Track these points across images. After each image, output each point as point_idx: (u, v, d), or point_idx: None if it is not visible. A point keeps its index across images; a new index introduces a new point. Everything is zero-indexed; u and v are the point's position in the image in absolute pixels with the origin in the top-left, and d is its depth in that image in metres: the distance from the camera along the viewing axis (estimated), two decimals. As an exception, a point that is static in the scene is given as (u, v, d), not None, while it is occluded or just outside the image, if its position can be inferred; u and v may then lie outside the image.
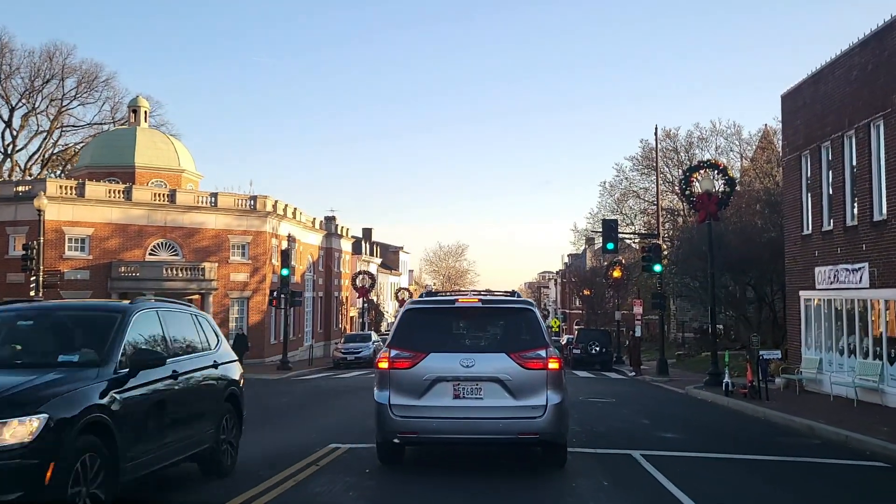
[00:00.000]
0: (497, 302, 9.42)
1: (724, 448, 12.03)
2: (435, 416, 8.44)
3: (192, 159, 47.42)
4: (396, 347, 8.76)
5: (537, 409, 8.39)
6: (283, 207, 46.03)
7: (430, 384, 8.47)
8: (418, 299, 9.75)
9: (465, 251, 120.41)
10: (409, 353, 8.62)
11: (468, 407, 8.42)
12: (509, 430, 8.46)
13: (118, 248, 38.82)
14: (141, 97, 46.91)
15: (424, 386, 8.48)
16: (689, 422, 16.06)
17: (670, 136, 43.74)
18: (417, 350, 8.62)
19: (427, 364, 8.53)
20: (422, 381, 8.48)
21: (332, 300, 60.02)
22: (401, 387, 8.54)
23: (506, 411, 8.41)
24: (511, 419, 8.42)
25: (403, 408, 8.49)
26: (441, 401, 8.46)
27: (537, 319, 9.03)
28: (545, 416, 8.39)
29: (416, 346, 8.66)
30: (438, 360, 8.56)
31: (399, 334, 8.92)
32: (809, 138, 21.93)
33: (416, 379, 8.50)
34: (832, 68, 20.55)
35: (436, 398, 8.46)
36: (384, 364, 8.70)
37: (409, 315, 9.20)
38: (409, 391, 8.50)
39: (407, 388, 8.51)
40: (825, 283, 20.84)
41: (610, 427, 14.16)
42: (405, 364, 8.57)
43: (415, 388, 8.50)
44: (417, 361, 8.55)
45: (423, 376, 8.49)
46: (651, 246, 33.08)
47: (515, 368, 8.47)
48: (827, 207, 21.08)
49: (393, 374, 8.61)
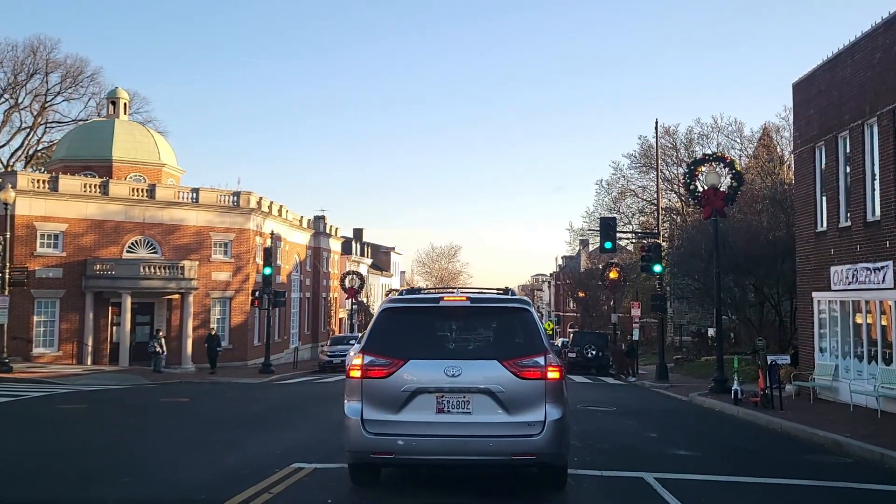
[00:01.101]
0: (488, 301, 8.24)
1: (748, 469, 10.47)
2: (415, 433, 7.28)
3: (174, 154, 45.65)
4: (371, 353, 7.60)
5: (534, 426, 7.26)
6: (267, 204, 44.38)
7: (409, 396, 7.37)
8: (397, 297, 8.52)
9: (458, 252, 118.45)
10: (385, 359, 7.50)
11: (454, 423, 7.31)
12: (502, 450, 7.30)
13: (94, 244, 37.07)
14: (120, 88, 45.03)
15: (403, 398, 7.37)
16: (701, 436, 14.52)
17: (669, 132, 42.35)
18: (395, 356, 7.51)
19: (406, 373, 7.43)
20: (400, 392, 7.37)
21: (320, 301, 58.38)
22: (375, 399, 7.42)
23: (498, 428, 7.29)
24: (504, 437, 7.28)
25: (378, 423, 7.35)
26: (422, 416, 7.34)
27: (534, 321, 7.89)
28: (544, 433, 7.25)
29: (394, 352, 7.54)
30: (419, 368, 7.44)
31: (374, 337, 7.78)
32: (825, 128, 20.47)
33: (393, 390, 7.39)
34: (851, 52, 19.08)
35: (416, 413, 7.34)
36: (356, 372, 7.56)
37: (387, 315, 7.97)
38: (385, 404, 7.38)
39: (382, 401, 7.40)
40: (842, 284, 19.36)
41: (615, 443, 12.60)
42: (381, 373, 7.46)
43: (392, 401, 7.38)
44: (395, 370, 7.44)
45: (401, 387, 7.38)
46: (651, 245, 31.58)
47: (509, 378, 7.36)
48: (844, 202, 19.61)
49: (366, 385, 7.48)
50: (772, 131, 41.38)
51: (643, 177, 45.48)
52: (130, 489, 8.40)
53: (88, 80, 59.34)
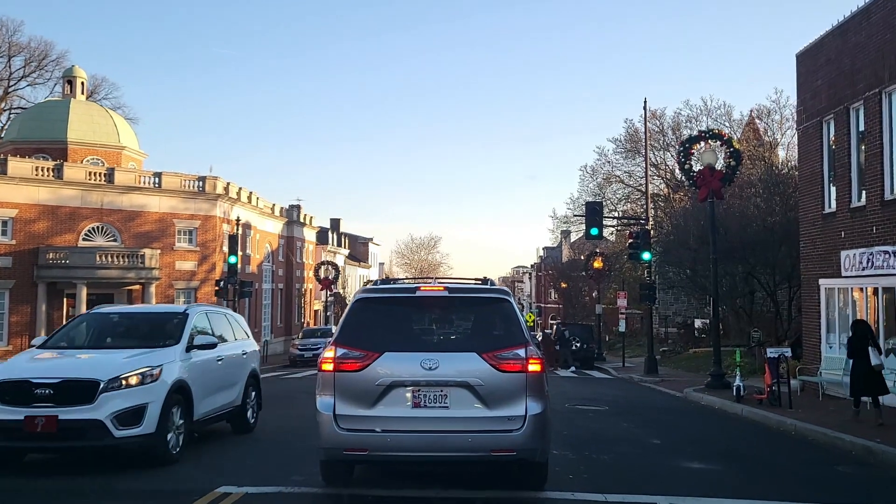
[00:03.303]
0: (466, 290, 8.06)
1: (781, 489, 8.64)
2: (390, 429, 7.05)
3: (135, 136, 43.29)
4: (344, 345, 7.32)
5: (514, 421, 7.07)
6: (236, 190, 42.15)
7: (384, 390, 7.12)
8: (371, 287, 8.20)
9: (437, 244, 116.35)
10: (358, 352, 7.24)
11: (431, 418, 7.08)
12: (480, 446, 7.07)
13: (47, 232, 34.75)
14: (77, 67, 42.50)
15: (377, 392, 7.11)
16: (710, 441, 12.71)
17: (656, 115, 40.67)
18: (369, 348, 7.24)
19: (381, 366, 7.16)
20: (374, 386, 7.12)
21: (293, 292, 56.25)
22: (348, 393, 7.15)
23: (476, 423, 7.07)
24: (483, 433, 7.07)
25: (351, 419, 7.10)
26: (398, 410, 7.10)
27: (514, 312, 7.68)
28: (524, 428, 7.06)
29: (368, 344, 7.28)
30: (395, 360, 7.19)
31: (347, 329, 7.49)
32: (834, 99, 18.72)
33: (367, 384, 7.13)
34: (866, 14, 17.33)
35: (391, 407, 7.10)
36: (328, 366, 7.27)
37: (360, 306, 7.67)
38: (359, 399, 7.13)
39: (356, 396, 7.13)
40: (855, 270, 17.66)
41: (614, 453, 10.73)
42: (354, 366, 7.18)
43: (365, 396, 7.12)
44: (369, 363, 7.18)
45: (375, 381, 7.13)
46: (639, 232, 29.84)
47: (488, 371, 7.13)
48: (857, 179, 17.89)
49: (339, 378, 7.19)
50: (762, 115, 39.83)
51: (628, 162, 43.84)
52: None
53: (54, 64, 56.78)
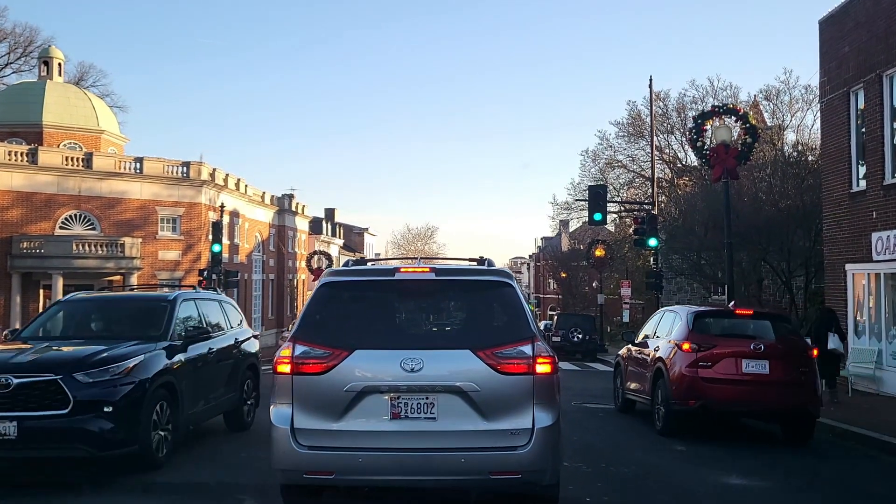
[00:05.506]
0: (459, 273, 6.58)
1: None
2: (362, 446, 5.63)
3: (115, 119, 41.57)
4: (304, 342, 5.85)
5: (519, 436, 5.66)
6: (222, 177, 40.47)
7: (354, 398, 5.69)
8: (340, 269, 6.62)
9: (434, 233, 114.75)
10: (322, 349, 5.79)
11: (414, 433, 5.67)
12: (476, 467, 5.63)
13: (21, 219, 33.12)
14: (54, 47, 40.86)
15: (346, 401, 5.68)
16: (741, 444, 11.10)
17: (660, 97, 38.98)
18: (336, 345, 5.79)
19: (351, 366, 5.72)
20: (342, 392, 5.69)
21: (286, 283, 54.67)
22: (310, 402, 5.73)
23: (471, 439, 5.66)
24: (479, 451, 5.65)
25: (313, 434, 5.68)
26: (372, 423, 5.69)
27: (518, 299, 6.16)
28: (531, 445, 5.62)
29: (335, 340, 5.84)
30: (368, 360, 5.78)
31: (308, 321, 6.02)
32: (864, 67, 17.11)
33: (333, 390, 5.70)
34: (904, -32, 15.71)
35: (364, 420, 5.69)
36: (285, 367, 5.79)
37: (326, 292, 6.18)
38: (323, 409, 5.71)
39: (319, 405, 5.71)
40: (888, 253, 16.10)
41: (634, 462, 9.14)
42: (317, 367, 5.74)
43: (331, 405, 5.70)
44: (336, 363, 5.73)
45: (344, 386, 5.69)
46: (646, 217, 28.23)
47: (486, 373, 5.72)
48: (891, 154, 16.31)
49: (298, 383, 5.76)
50: (770, 95, 38.13)
51: (631, 146, 42.13)
52: None
53: (39, 50, 55.09)
